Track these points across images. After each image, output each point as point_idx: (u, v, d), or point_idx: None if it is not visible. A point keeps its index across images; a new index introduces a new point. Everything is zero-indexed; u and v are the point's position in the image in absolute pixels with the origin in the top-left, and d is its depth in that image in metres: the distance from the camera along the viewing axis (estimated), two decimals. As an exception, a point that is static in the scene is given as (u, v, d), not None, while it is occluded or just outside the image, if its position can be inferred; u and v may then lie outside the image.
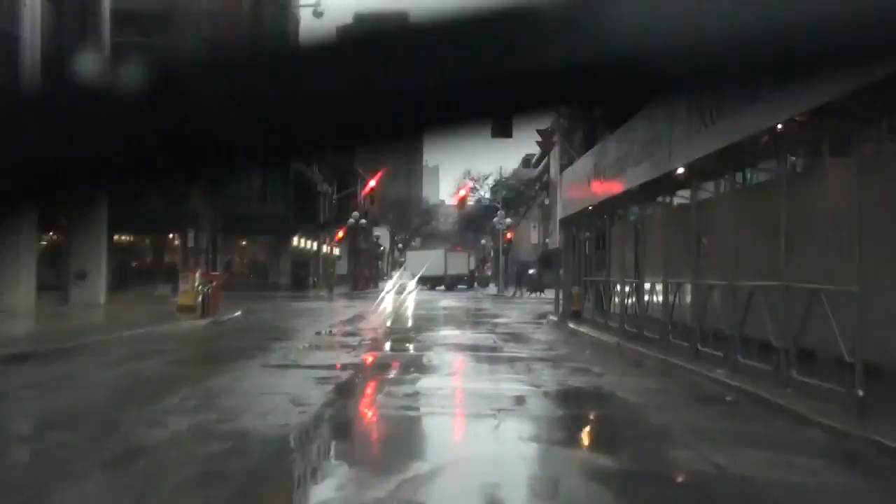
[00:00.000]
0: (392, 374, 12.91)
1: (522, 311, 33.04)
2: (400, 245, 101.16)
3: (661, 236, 16.53)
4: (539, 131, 28.77)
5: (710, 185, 14.19)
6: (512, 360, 14.35)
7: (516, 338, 19.17)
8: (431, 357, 14.80)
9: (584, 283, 23.81)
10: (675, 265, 15.18)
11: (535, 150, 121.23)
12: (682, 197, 16.88)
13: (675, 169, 14.20)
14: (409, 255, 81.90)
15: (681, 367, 12.78)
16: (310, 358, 14.96)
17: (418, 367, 13.42)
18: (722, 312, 12.72)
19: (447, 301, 41.62)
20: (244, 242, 57.48)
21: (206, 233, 51.18)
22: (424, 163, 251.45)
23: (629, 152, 16.82)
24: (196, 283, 23.90)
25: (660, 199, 17.29)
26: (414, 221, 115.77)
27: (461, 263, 78.09)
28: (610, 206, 21.05)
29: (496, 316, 28.62)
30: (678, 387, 11.58)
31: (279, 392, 10.58)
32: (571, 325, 22.18)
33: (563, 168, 26.78)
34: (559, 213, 27.15)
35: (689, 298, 14.43)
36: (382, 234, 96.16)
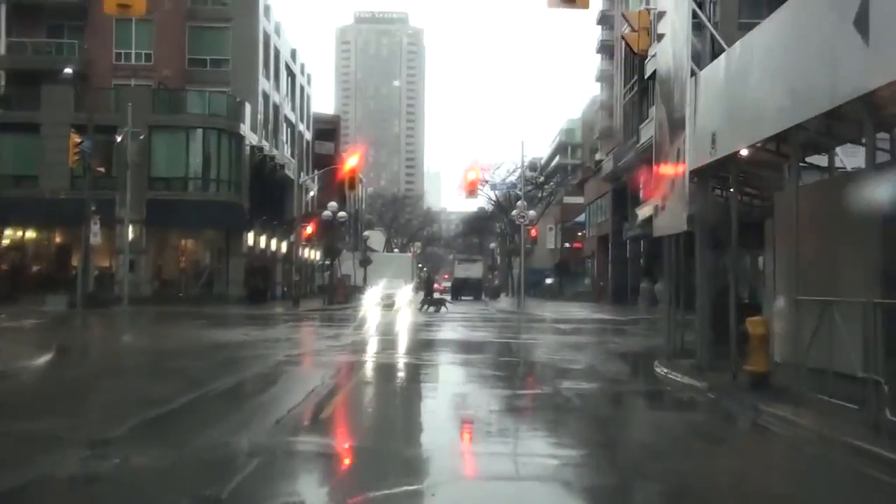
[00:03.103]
0: None
1: (588, 351, 18.87)
2: (396, 250, 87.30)
3: None
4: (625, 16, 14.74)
5: None
6: None
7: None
8: None
9: (792, 304, 9.76)
10: None
11: (543, 152, 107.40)
12: None
13: None
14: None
15: None
16: None
17: None
18: None
19: (452, 330, 27.36)
20: (185, 242, 43.17)
21: (122, 225, 37.38)
22: (426, 168, 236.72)
23: None
24: None
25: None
26: (413, 224, 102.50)
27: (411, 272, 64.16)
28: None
29: (559, 372, 14.54)
30: None
31: None
32: (809, 430, 8.13)
33: (696, 62, 12.87)
34: (689, 162, 13.17)
35: None
36: (376, 237, 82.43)
